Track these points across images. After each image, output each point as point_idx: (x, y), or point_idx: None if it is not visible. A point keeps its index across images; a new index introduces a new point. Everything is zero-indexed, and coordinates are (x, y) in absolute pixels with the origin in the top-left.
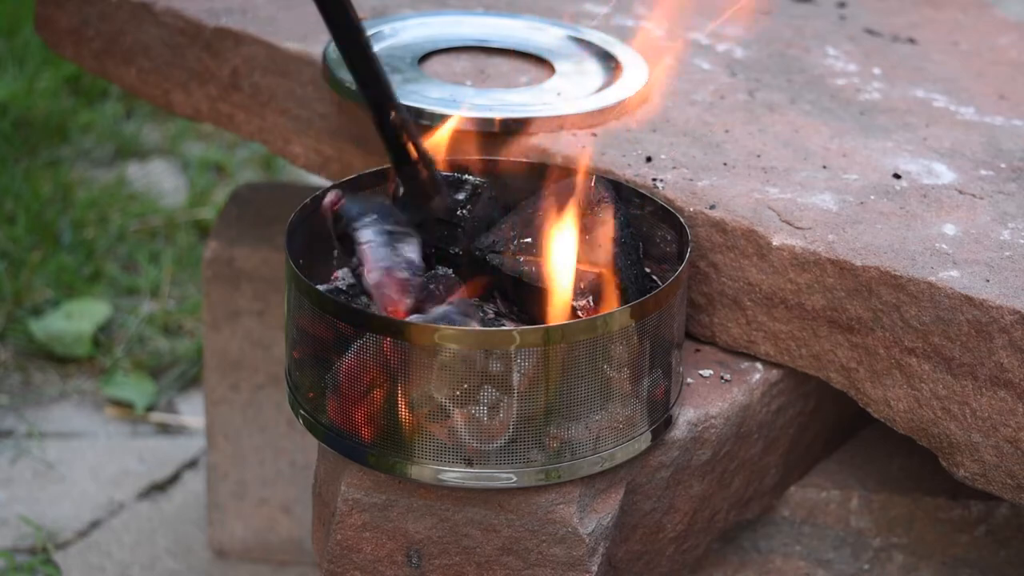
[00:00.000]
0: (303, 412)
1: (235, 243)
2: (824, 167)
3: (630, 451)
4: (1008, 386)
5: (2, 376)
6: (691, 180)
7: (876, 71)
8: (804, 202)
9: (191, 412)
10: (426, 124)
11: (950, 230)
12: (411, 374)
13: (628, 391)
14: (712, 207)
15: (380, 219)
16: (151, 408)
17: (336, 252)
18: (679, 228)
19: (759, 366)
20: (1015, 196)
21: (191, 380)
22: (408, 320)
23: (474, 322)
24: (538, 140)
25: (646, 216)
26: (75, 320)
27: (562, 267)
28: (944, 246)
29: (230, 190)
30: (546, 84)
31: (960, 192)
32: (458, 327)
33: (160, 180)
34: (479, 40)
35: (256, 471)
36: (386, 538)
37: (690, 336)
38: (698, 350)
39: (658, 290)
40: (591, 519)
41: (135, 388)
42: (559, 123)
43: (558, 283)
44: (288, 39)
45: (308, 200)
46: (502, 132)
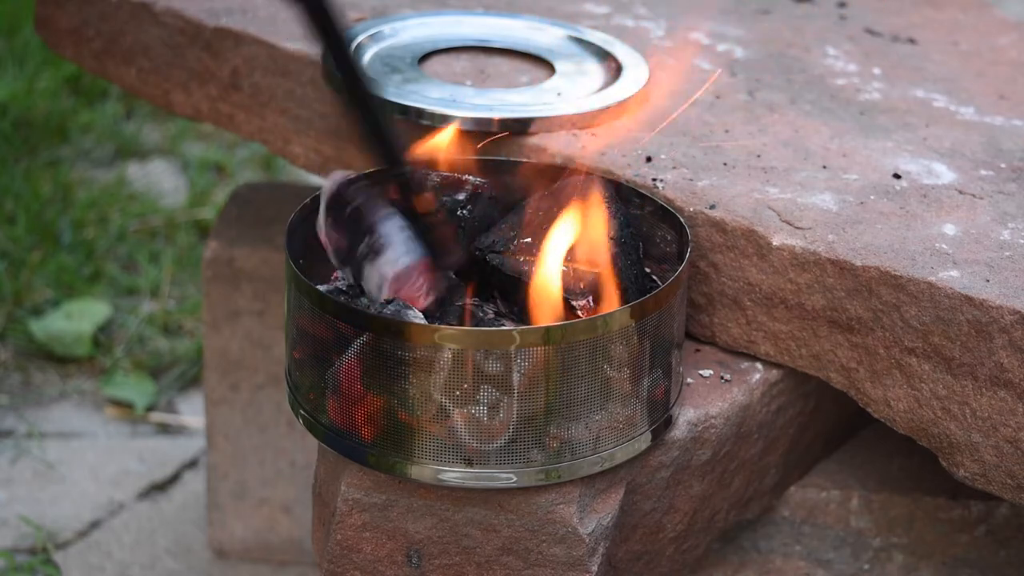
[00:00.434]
0: (303, 412)
1: (235, 243)
2: (824, 167)
3: (630, 451)
4: (1008, 386)
5: (2, 376)
6: (691, 180)
7: (876, 71)
8: (804, 202)
9: (191, 412)
10: (426, 124)
11: (950, 230)
12: (411, 374)
13: (628, 391)
14: (712, 207)
15: (395, 213)
16: (151, 408)
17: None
18: (679, 228)
19: (759, 366)
20: (1015, 196)
21: (191, 380)
22: (408, 320)
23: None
24: (538, 140)
25: (646, 216)
26: (75, 320)
27: (561, 267)
28: (944, 246)
29: (230, 190)
30: (546, 84)
31: (960, 192)
32: (458, 327)
33: (160, 180)
34: (479, 40)
35: (256, 471)
36: (386, 538)
37: (690, 336)
38: (698, 350)
39: (658, 290)
40: (591, 519)
41: (135, 388)
42: (559, 123)
43: (557, 283)
44: (288, 39)
45: (308, 200)
46: (502, 132)
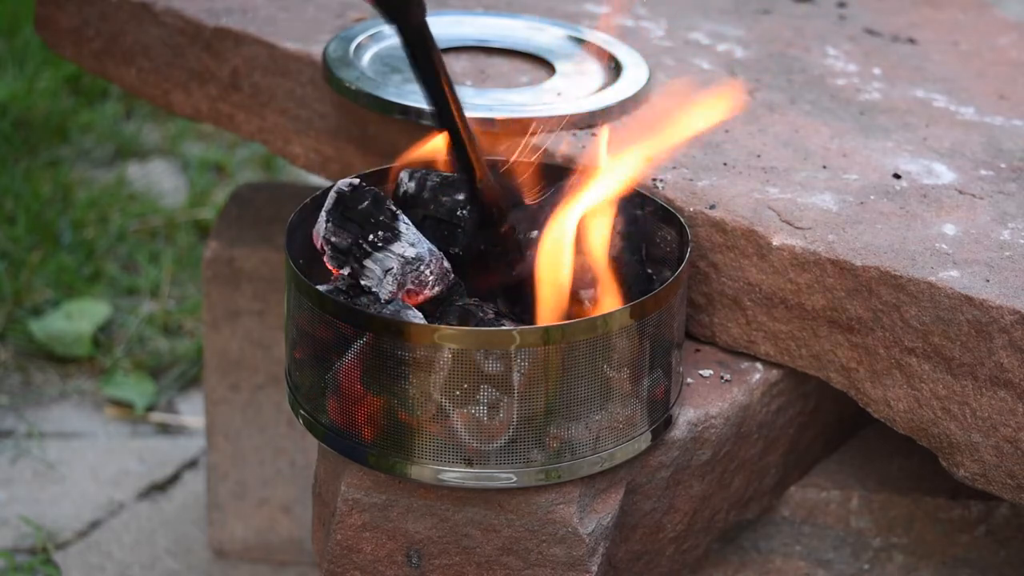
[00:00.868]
0: (303, 412)
1: (235, 243)
2: (824, 167)
3: (630, 451)
4: (1008, 386)
5: (2, 376)
6: (691, 180)
7: (876, 71)
8: (804, 202)
9: (191, 412)
10: (426, 124)
11: (950, 230)
12: (411, 374)
13: (628, 391)
14: (712, 207)
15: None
16: (151, 408)
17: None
18: (679, 228)
19: (759, 366)
20: (1015, 196)
21: (191, 380)
22: (408, 320)
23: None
24: (538, 140)
25: (646, 216)
26: (75, 320)
27: (565, 264)
28: (944, 246)
29: (230, 190)
30: (546, 84)
31: (960, 192)
32: (458, 327)
33: (160, 180)
34: (479, 40)
35: (256, 471)
36: (386, 538)
37: (690, 336)
38: (698, 350)
39: (658, 290)
40: (591, 519)
41: (135, 388)
42: (559, 123)
43: (560, 280)
44: (288, 39)
45: (308, 200)
46: (502, 132)
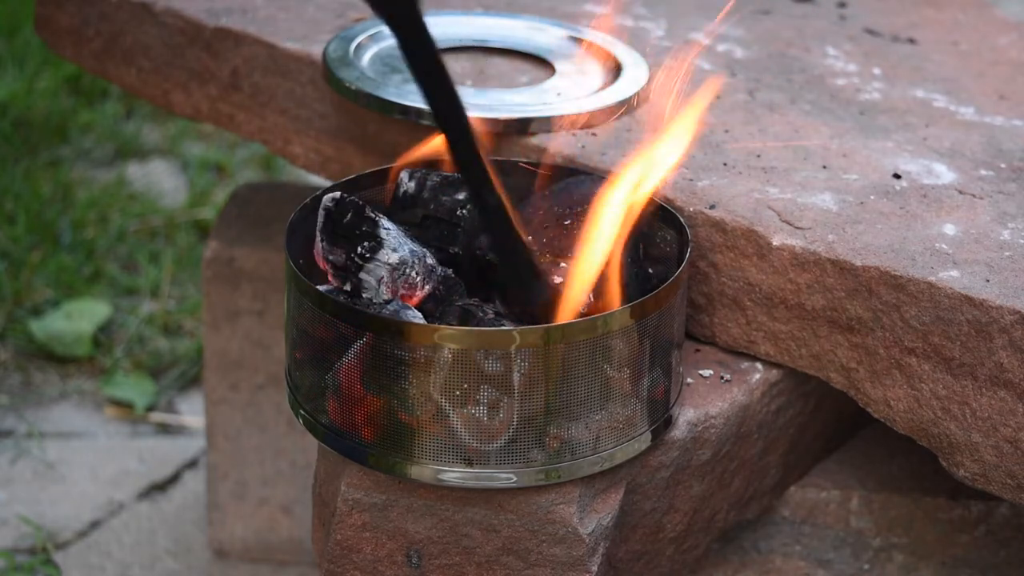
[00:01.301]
0: (303, 412)
1: (235, 243)
2: (824, 167)
3: (630, 451)
4: (1008, 386)
5: (2, 376)
6: (691, 180)
7: (876, 71)
8: (804, 202)
9: (191, 412)
10: (426, 124)
11: (950, 230)
12: (411, 374)
13: (628, 391)
14: (712, 207)
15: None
16: (151, 408)
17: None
18: (679, 228)
19: (759, 366)
20: (1015, 196)
21: (191, 380)
22: (408, 320)
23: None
24: (538, 140)
25: (646, 216)
26: (75, 320)
27: (565, 265)
28: (944, 246)
29: (230, 190)
30: (546, 84)
31: (960, 192)
32: (458, 327)
33: (160, 180)
34: (479, 40)
35: (256, 471)
36: (386, 538)
37: (690, 336)
38: (698, 350)
39: (658, 290)
40: (591, 519)
41: (135, 388)
42: (559, 123)
43: (560, 281)
44: (288, 39)
45: (308, 200)
46: (502, 132)
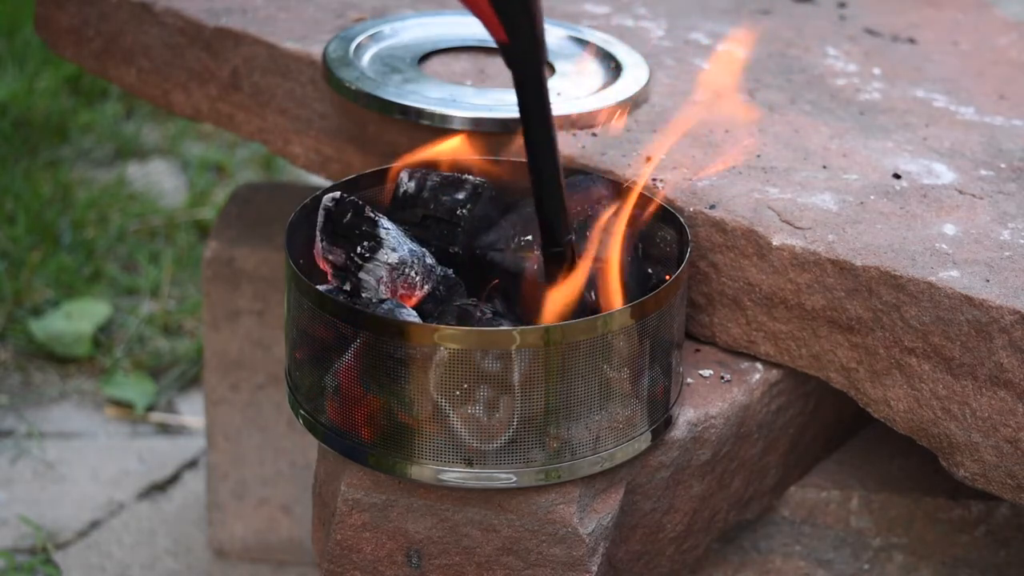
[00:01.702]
0: (303, 412)
1: (235, 243)
2: (824, 167)
3: (630, 451)
4: (1008, 386)
5: (2, 376)
6: (691, 180)
7: (876, 71)
8: (804, 202)
9: (191, 412)
10: (426, 124)
11: (950, 230)
12: (411, 374)
13: (628, 391)
14: (712, 207)
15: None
16: (151, 408)
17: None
18: (679, 228)
19: (759, 366)
20: (1015, 196)
21: (191, 380)
22: (408, 320)
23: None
24: None
25: (646, 216)
26: (75, 320)
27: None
28: (944, 246)
29: (230, 190)
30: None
31: (960, 192)
32: (458, 327)
33: (160, 180)
34: (479, 40)
35: (256, 471)
36: (386, 538)
37: (690, 336)
38: (698, 350)
39: (658, 290)
40: (591, 519)
41: (135, 388)
42: (559, 123)
43: (561, 280)
44: (288, 39)
45: (308, 200)
46: (502, 132)
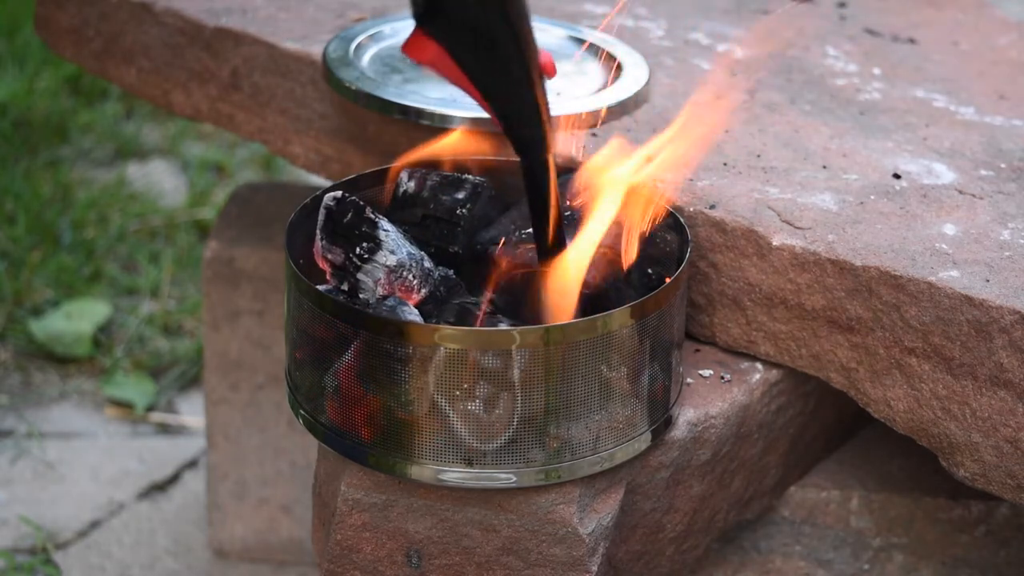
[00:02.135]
0: (303, 412)
1: (235, 243)
2: (824, 167)
3: (630, 451)
4: (1008, 386)
5: (2, 376)
6: (691, 180)
7: (876, 71)
8: (804, 202)
9: (191, 412)
10: (426, 124)
11: (950, 230)
12: (411, 374)
13: (628, 391)
14: (712, 207)
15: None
16: (151, 408)
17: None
18: (679, 228)
19: (759, 366)
20: (1015, 196)
21: (191, 380)
22: (408, 320)
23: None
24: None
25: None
26: (75, 320)
27: (570, 258)
28: (944, 246)
29: (230, 190)
30: (546, 84)
31: (960, 192)
32: (458, 327)
33: (160, 180)
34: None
35: (256, 471)
36: (386, 538)
37: (690, 336)
38: (698, 350)
39: (658, 290)
40: (591, 519)
41: (135, 388)
42: (559, 123)
43: (564, 273)
44: (288, 39)
45: (309, 200)
46: (502, 132)
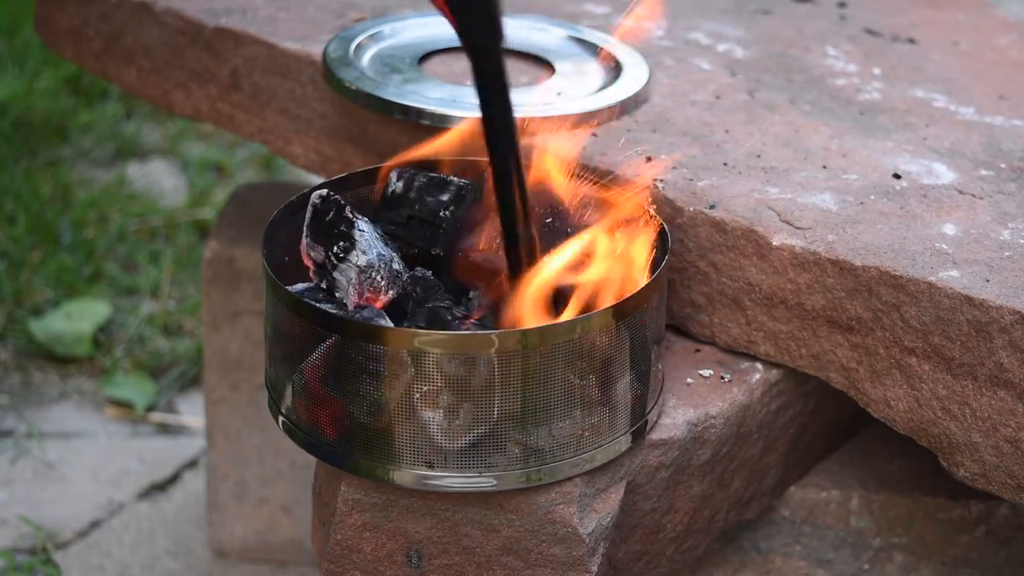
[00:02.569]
0: (283, 417)
1: (235, 243)
2: (824, 167)
3: (611, 452)
4: (1008, 386)
5: (2, 376)
6: (691, 180)
7: (876, 71)
8: (804, 202)
9: (191, 412)
10: (426, 124)
11: (950, 230)
12: (388, 378)
13: (607, 392)
14: (712, 207)
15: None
16: (151, 408)
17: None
18: (659, 229)
19: (759, 366)
20: (1015, 196)
21: (191, 380)
22: (385, 326)
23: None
24: (538, 140)
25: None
26: (75, 320)
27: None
28: (944, 246)
29: (230, 190)
30: (546, 84)
31: (960, 192)
32: (438, 331)
33: (160, 180)
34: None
35: (256, 471)
36: (386, 538)
37: (690, 336)
38: (698, 350)
39: (636, 292)
40: (591, 519)
41: (135, 388)
42: (559, 123)
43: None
44: (288, 39)
45: (294, 198)
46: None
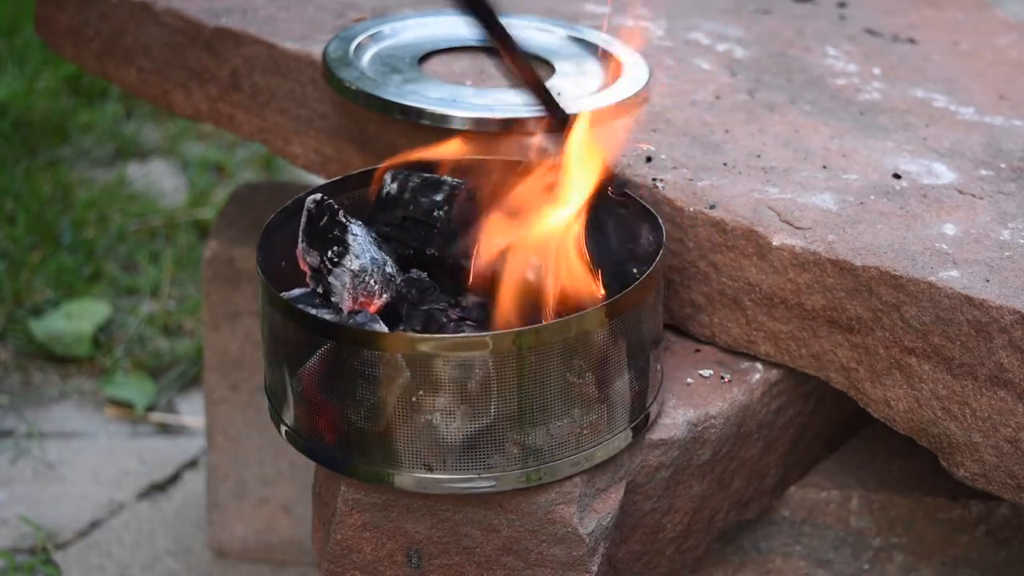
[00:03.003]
0: (284, 425)
1: (235, 243)
2: (824, 167)
3: (610, 450)
4: (1008, 386)
5: (2, 376)
6: (691, 180)
7: (876, 71)
8: (804, 202)
9: (191, 412)
10: (426, 124)
11: (950, 230)
12: (384, 383)
13: (605, 391)
14: (712, 207)
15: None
16: (151, 408)
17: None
18: (655, 226)
19: (759, 366)
20: (1015, 196)
21: (191, 380)
22: (380, 331)
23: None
24: (538, 140)
25: (629, 215)
26: (75, 320)
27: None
28: (944, 246)
29: (230, 190)
30: (546, 84)
31: (960, 192)
32: (433, 335)
33: (160, 180)
34: (479, 40)
35: (256, 471)
36: (386, 538)
37: (690, 336)
38: (698, 350)
39: (631, 288)
40: (591, 519)
41: (135, 388)
42: (559, 124)
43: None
44: (288, 39)
45: (290, 202)
46: (502, 132)
